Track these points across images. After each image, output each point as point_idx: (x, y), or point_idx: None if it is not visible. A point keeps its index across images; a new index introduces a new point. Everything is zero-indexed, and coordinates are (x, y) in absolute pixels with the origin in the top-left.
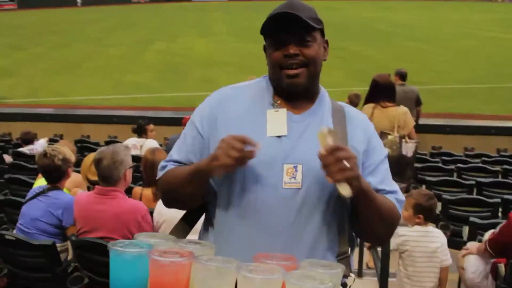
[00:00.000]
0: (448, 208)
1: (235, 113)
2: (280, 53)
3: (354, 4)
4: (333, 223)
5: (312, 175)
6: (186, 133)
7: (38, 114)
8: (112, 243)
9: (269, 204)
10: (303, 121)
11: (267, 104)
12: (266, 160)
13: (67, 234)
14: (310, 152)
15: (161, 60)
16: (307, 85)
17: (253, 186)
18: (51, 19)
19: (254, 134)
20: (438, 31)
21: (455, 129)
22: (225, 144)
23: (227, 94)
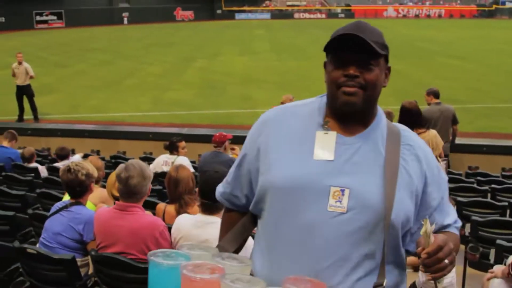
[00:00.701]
0: (477, 230)
1: (284, 133)
2: (340, 72)
3: (395, 22)
4: (375, 253)
5: (359, 202)
6: (235, 163)
7: (76, 130)
8: (152, 252)
9: (312, 225)
10: (354, 144)
11: (318, 125)
12: (312, 182)
13: (88, 249)
14: (359, 177)
15: (201, 77)
16: (362, 107)
17: (298, 208)
18: (96, 36)
19: (301, 156)
20: (480, 49)
21: (492, 149)
22: None
23: (278, 114)
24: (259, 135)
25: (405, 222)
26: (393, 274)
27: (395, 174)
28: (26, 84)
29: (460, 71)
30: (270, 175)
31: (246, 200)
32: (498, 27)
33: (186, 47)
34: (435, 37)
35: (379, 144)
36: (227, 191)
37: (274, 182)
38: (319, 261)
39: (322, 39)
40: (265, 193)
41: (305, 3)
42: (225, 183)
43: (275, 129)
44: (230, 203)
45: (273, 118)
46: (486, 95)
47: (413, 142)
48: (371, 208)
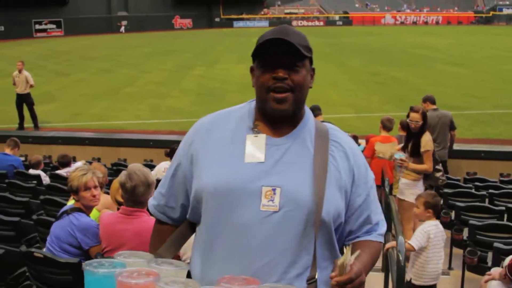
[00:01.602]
0: (475, 234)
1: (216, 138)
2: (268, 76)
3: (393, 29)
4: (308, 248)
5: (290, 199)
6: (168, 174)
7: (77, 138)
8: (87, 262)
9: (247, 226)
10: (283, 145)
11: (248, 128)
12: (244, 183)
13: (90, 255)
14: (290, 176)
15: (199, 85)
16: (293, 110)
17: (232, 210)
18: (95, 45)
19: (233, 159)
20: (477, 56)
21: (490, 154)
22: None
23: (210, 120)
24: (191, 143)
25: (336, 217)
26: (328, 269)
27: (324, 171)
28: (26, 92)
29: (457, 77)
30: (203, 180)
31: (181, 211)
32: (496, 34)
33: (184, 55)
34: (432, 44)
35: (307, 142)
36: (161, 203)
37: (207, 186)
38: (255, 260)
39: (320, 47)
40: (200, 197)
41: (303, 11)
42: (159, 195)
43: (206, 136)
44: (165, 215)
45: (204, 125)
46: (484, 102)
47: (340, 140)
48: (302, 205)
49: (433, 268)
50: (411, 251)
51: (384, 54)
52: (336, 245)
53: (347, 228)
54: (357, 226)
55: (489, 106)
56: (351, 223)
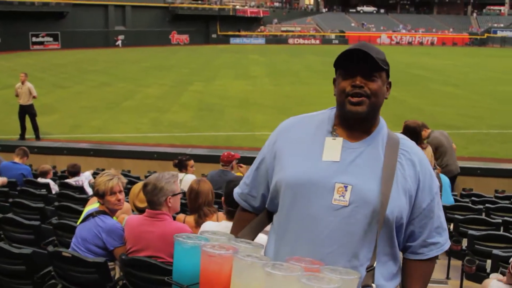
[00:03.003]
0: (474, 244)
1: (298, 138)
2: (348, 83)
3: (389, 49)
4: (371, 242)
5: (359, 197)
6: (253, 167)
7: (82, 149)
8: (178, 234)
9: (318, 216)
10: (358, 149)
11: (327, 132)
12: (320, 179)
13: (115, 255)
14: (360, 177)
15: (199, 100)
16: (367, 113)
17: (306, 201)
18: (92, 58)
19: (312, 156)
20: (473, 77)
21: (485, 171)
22: None
23: (293, 122)
24: (275, 141)
25: (399, 217)
26: (388, 264)
27: (392, 175)
28: (29, 104)
29: (453, 97)
30: (284, 173)
31: (261, 201)
32: (490, 55)
33: (183, 70)
34: (428, 64)
35: (379, 149)
36: (244, 192)
37: (288, 179)
38: (321, 248)
39: (317, 65)
40: (279, 188)
41: (300, 29)
42: (243, 184)
43: (290, 136)
44: (247, 203)
45: (288, 127)
46: (479, 121)
47: (410, 149)
48: (369, 203)
49: None
50: None
51: None
52: (396, 243)
53: (410, 228)
54: (420, 228)
55: (484, 126)
56: (415, 224)
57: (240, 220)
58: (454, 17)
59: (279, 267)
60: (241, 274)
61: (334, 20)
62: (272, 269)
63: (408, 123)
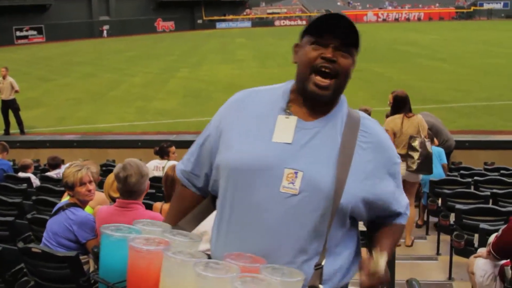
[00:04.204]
0: (461, 218)
1: (247, 115)
2: (317, 53)
3: (375, 27)
4: (322, 235)
5: (310, 184)
6: (198, 142)
7: (65, 141)
8: (105, 225)
9: (264, 205)
10: (313, 129)
11: (280, 109)
12: (268, 163)
13: (87, 248)
14: (314, 161)
15: (185, 86)
16: (331, 97)
17: (251, 188)
18: (78, 50)
19: (260, 137)
20: (460, 50)
21: (474, 144)
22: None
23: (244, 96)
24: (223, 117)
25: (356, 205)
26: (341, 257)
27: (349, 159)
28: (11, 98)
29: (441, 72)
30: (228, 155)
31: (205, 180)
32: (477, 28)
33: (168, 58)
34: (415, 40)
35: (337, 130)
36: (187, 169)
37: (231, 162)
38: (267, 241)
39: None
40: (222, 172)
41: (286, 11)
42: (186, 161)
43: (238, 112)
44: (190, 182)
45: (238, 101)
46: (468, 95)
47: (370, 129)
48: (321, 191)
49: None
50: None
51: (367, 51)
52: (353, 233)
53: (371, 214)
54: (381, 212)
55: (472, 99)
56: (376, 210)
57: (180, 198)
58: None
59: (213, 266)
60: (171, 273)
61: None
62: (204, 270)
63: (397, 93)
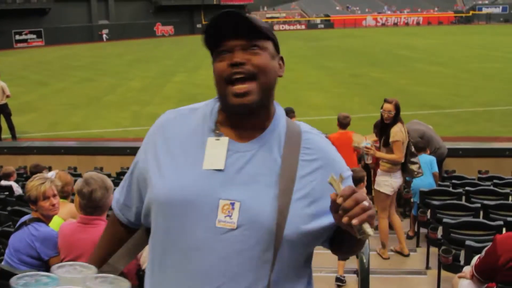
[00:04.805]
0: (449, 232)
1: (174, 139)
2: (224, 64)
3: (374, 31)
4: (266, 273)
5: (249, 217)
6: (129, 170)
7: (52, 148)
8: (19, 275)
9: (199, 243)
10: (247, 151)
11: (209, 130)
12: (200, 195)
13: (50, 265)
14: (251, 189)
15: (181, 91)
16: (260, 103)
17: (184, 224)
18: (77, 54)
19: (190, 165)
20: (459, 55)
21: (468, 152)
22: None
23: (170, 118)
24: (149, 143)
25: (301, 237)
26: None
27: (291, 184)
28: (3, 103)
29: (439, 77)
30: (155, 188)
31: (136, 214)
32: (476, 33)
33: (166, 62)
34: (414, 45)
35: (275, 149)
36: (120, 199)
37: (159, 196)
38: (207, 284)
39: (302, 50)
40: (151, 207)
41: (285, 15)
42: (121, 189)
43: (164, 136)
44: (123, 215)
45: (164, 124)
46: (465, 100)
47: (314, 144)
48: (262, 224)
49: None
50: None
51: (365, 56)
52: (306, 263)
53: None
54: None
55: (469, 104)
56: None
57: (112, 231)
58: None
59: None
60: None
61: (319, 4)
62: None
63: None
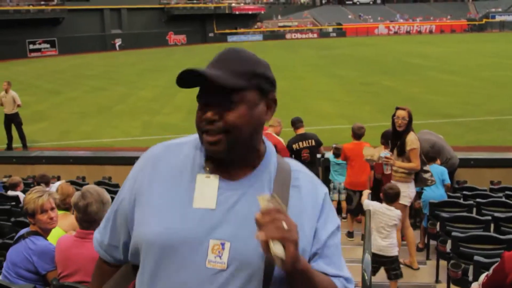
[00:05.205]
0: (458, 246)
1: (163, 176)
2: (200, 114)
3: (387, 39)
4: None
5: (238, 257)
6: (112, 208)
7: (61, 157)
8: None
9: (189, 285)
10: (238, 190)
11: (199, 167)
12: (190, 235)
13: (47, 279)
14: (241, 229)
15: (192, 100)
16: (230, 153)
17: (174, 264)
18: (90, 63)
19: (180, 203)
20: (471, 63)
21: (479, 162)
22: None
23: (159, 153)
24: (137, 178)
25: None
26: None
27: None
28: (13, 112)
29: (451, 85)
30: (144, 229)
31: (124, 251)
32: (489, 40)
33: (178, 71)
34: (426, 53)
35: (265, 188)
36: (104, 239)
37: (149, 236)
38: None
39: (314, 59)
40: (139, 247)
41: (297, 24)
42: (103, 229)
43: (154, 172)
44: (108, 255)
45: (152, 159)
46: (478, 109)
47: (302, 182)
48: (251, 264)
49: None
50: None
51: (377, 64)
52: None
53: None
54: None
55: (482, 113)
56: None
57: (100, 275)
58: (452, 4)
59: None
60: None
61: (331, 13)
62: None
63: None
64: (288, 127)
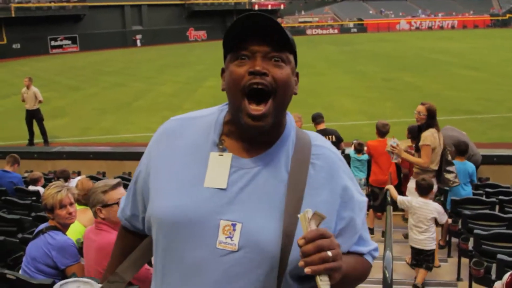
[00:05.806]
0: (480, 244)
1: (177, 152)
2: (243, 70)
3: (408, 35)
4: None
5: (251, 240)
6: (133, 179)
7: (81, 153)
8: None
9: (198, 265)
10: (252, 168)
11: (212, 144)
12: (200, 214)
13: (67, 274)
14: (253, 210)
15: (213, 96)
16: (273, 125)
17: (185, 244)
18: (110, 59)
19: (191, 182)
20: (494, 59)
21: (503, 159)
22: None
23: (175, 126)
24: (152, 152)
25: None
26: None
27: (298, 205)
28: (35, 108)
29: (473, 81)
30: (156, 205)
31: (142, 223)
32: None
33: (198, 67)
34: (448, 48)
35: (282, 166)
36: (126, 208)
37: (159, 214)
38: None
39: (335, 55)
40: (151, 224)
41: (317, 19)
42: (126, 198)
43: (169, 147)
44: (131, 225)
45: (168, 133)
46: (500, 105)
47: (324, 159)
48: (265, 248)
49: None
50: None
51: (398, 60)
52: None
53: None
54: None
55: (504, 109)
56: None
57: (122, 240)
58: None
59: None
60: None
61: (352, 8)
62: None
63: (431, 105)
64: (308, 122)
